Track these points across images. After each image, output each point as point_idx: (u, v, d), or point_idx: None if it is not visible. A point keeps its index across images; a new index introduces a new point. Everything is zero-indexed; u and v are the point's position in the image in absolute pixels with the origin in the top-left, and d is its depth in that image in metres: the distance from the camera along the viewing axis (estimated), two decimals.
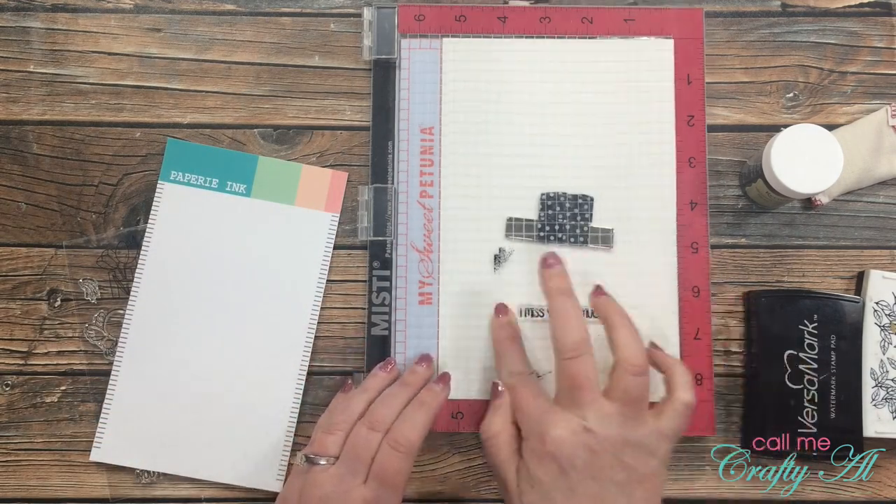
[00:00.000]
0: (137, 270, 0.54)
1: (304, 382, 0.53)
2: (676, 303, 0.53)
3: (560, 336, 0.48)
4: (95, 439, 0.53)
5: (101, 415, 0.53)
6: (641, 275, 0.53)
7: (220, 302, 0.54)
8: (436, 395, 0.50)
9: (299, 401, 0.53)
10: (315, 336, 0.54)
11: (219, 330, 0.53)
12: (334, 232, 0.55)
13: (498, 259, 0.54)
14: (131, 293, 0.54)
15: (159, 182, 0.55)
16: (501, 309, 0.52)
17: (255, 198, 0.55)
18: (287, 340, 0.54)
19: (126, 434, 0.53)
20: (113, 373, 0.53)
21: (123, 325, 0.53)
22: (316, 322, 0.54)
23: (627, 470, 0.44)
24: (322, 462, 0.47)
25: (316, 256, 0.54)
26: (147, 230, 0.54)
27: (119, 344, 0.53)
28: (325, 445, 0.48)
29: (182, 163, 0.55)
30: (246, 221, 0.55)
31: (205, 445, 0.53)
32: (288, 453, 0.53)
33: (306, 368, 0.53)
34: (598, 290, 0.51)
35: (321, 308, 0.54)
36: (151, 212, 0.54)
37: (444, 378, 0.52)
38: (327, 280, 0.54)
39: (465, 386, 0.53)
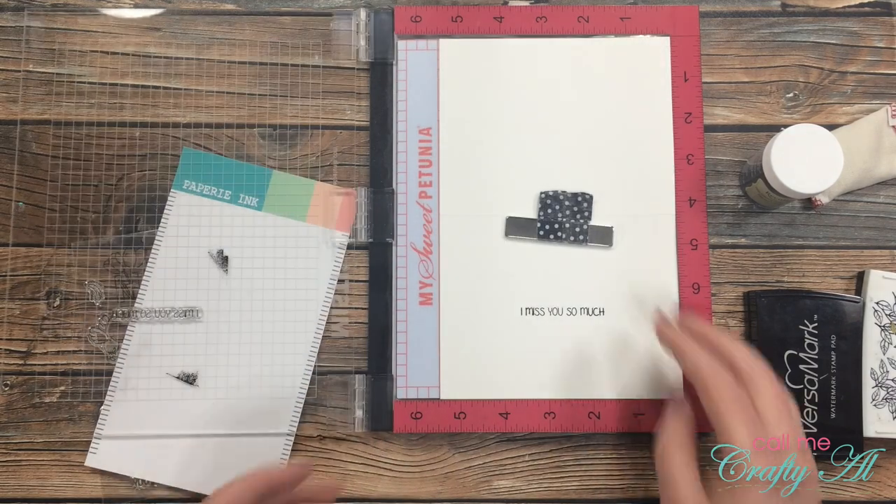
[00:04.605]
0: (145, 276, 0.54)
1: (304, 400, 0.53)
2: (677, 300, 0.53)
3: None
4: (91, 445, 0.52)
5: (99, 420, 0.53)
6: (641, 272, 0.53)
7: (225, 314, 0.53)
8: None
9: (299, 413, 0.53)
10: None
11: (223, 342, 0.53)
12: (343, 251, 0.54)
13: (498, 259, 0.54)
14: (137, 297, 0.54)
15: (172, 191, 0.55)
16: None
17: (266, 212, 0.55)
18: (291, 357, 0.53)
19: (123, 442, 0.52)
20: (113, 378, 0.53)
21: (127, 329, 0.53)
22: (320, 341, 0.53)
23: None
24: None
25: (324, 275, 0.54)
26: (157, 236, 0.54)
27: (121, 350, 0.53)
28: None
29: (196, 173, 0.55)
30: (256, 235, 0.54)
31: (204, 456, 0.52)
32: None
33: (308, 379, 0.53)
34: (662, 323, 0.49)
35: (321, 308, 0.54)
36: (162, 219, 0.54)
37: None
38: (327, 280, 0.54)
39: (467, 387, 0.53)
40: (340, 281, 0.54)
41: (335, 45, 0.56)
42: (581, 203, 0.54)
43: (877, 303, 0.52)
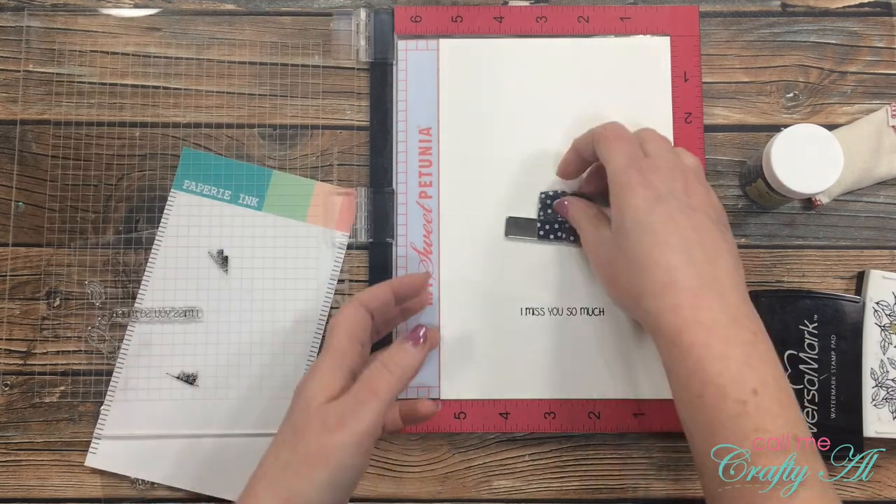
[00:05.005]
0: (145, 276, 0.54)
1: None
2: None
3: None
4: (91, 445, 0.52)
5: (99, 420, 0.53)
6: None
7: (225, 314, 0.53)
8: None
9: None
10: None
11: (223, 342, 0.53)
12: (343, 251, 0.54)
13: (498, 259, 0.54)
14: (137, 297, 0.54)
15: (172, 191, 0.55)
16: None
17: (266, 212, 0.55)
18: (291, 357, 0.53)
19: (123, 442, 0.52)
20: (113, 378, 0.53)
21: (127, 329, 0.53)
22: (320, 341, 0.53)
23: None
24: None
25: (324, 275, 0.54)
26: (157, 236, 0.54)
27: (121, 350, 0.53)
28: None
29: (196, 173, 0.55)
30: (256, 235, 0.54)
31: (204, 456, 0.52)
32: None
33: None
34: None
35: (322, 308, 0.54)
36: (162, 219, 0.54)
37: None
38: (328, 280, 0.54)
39: (467, 386, 0.53)
40: (340, 281, 0.54)
41: (335, 45, 0.56)
42: None
43: (877, 303, 0.52)
